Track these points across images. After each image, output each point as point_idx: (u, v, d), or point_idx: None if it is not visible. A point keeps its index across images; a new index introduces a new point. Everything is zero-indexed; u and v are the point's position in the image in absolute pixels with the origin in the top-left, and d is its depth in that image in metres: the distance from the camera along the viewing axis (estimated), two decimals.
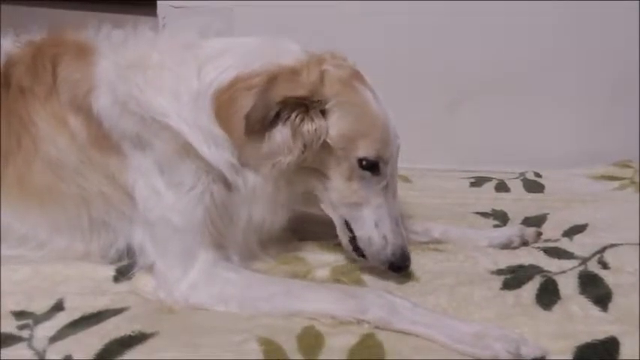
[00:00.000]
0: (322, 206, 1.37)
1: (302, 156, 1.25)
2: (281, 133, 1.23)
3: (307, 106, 1.23)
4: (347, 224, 1.34)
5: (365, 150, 1.27)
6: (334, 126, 1.26)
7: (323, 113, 1.26)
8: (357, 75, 1.32)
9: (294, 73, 1.24)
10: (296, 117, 1.23)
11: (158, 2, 2.14)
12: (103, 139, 1.30)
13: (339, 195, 1.31)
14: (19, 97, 1.35)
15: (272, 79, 1.22)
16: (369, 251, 1.32)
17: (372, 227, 1.30)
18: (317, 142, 1.25)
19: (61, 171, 1.33)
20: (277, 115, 1.22)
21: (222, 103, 1.25)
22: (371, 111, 1.28)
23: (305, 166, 1.30)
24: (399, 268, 1.31)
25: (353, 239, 1.34)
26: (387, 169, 1.31)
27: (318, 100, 1.24)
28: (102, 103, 1.29)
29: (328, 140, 1.26)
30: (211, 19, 2.02)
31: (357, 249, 1.34)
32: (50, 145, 1.33)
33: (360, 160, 1.28)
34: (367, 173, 1.29)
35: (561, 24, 2.11)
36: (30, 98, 1.34)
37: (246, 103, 1.22)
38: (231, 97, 1.24)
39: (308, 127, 1.23)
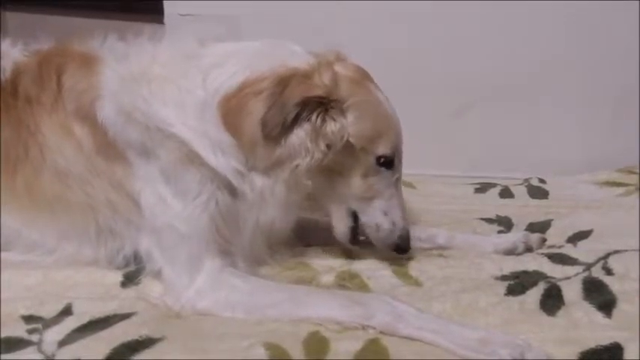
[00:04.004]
0: (324, 200, 1.39)
1: (324, 157, 1.27)
2: (297, 136, 1.24)
3: (326, 106, 1.25)
4: (352, 215, 1.38)
5: (383, 148, 1.32)
6: (353, 126, 1.29)
7: (342, 113, 1.27)
8: (365, 74, 1.35)
9: (306, 75, 1.25)
10: (317, 118, 1.24)
11: (165, 10, 2.16)
12: (108, 148, 1.32)
13: (353, 190, 1.35)
14: (26, 106, 1.37)
15: (282, 81, 1.23)
16: (376, 236, 1.38)
17: (381, 216, 1.36)
18: (341, 141, 1.28)
19: (68, 179, 1.35)
20: (295, 118, 1.23)
21: (231, 110, 1.26)
22: (385, 110, 1.33)
23: (319, 166, 1.31)
24: (404, 249, 1.39)
25: (353, 228, 1.39)
26: (399, 164, 1.37)
27: (336, 100, 1.26)
28: (106, 112, 1.30)
29: (351, 139, 1.29)
30: (218, 28, 2.04)
31: (354, 238, 1.40)
32: (57, 154, 1.35)
33: (378, 158, 1.32)
34: (382, 169, 1.34)
35: (564, 32, 2.12)
36: (36, 107, 1.36)
37: (256, 108, 1.23)
38: (239, 103, 1.25)
39: (331, 127, 1.26)
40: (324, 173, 1.34)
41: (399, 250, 1.39)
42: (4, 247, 1.42)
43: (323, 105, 1.25)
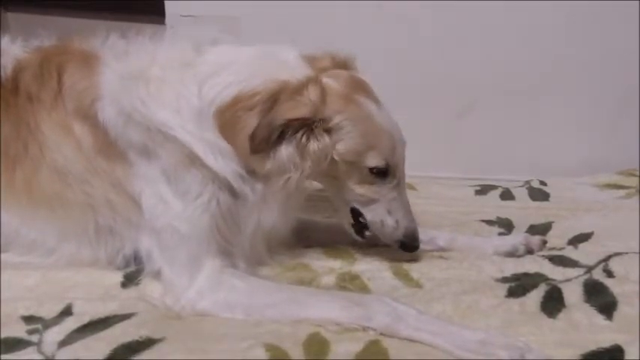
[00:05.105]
0: (330, 198, 1.42)
1: (311, 173, 1.29)
2: (287, 152, 1.25)
3: (311, 125, 1.25)
4: (354, 212, 1.39)
5: (374, 160, 1.32)
6: (341, 142, 1.29)
7: (328, 131, 1.28)
8: (357, 85, 1.34)
9: (295, 92, 1.25)
10: (302, 137, 1.25)
11: (167, 11, 2.16)
12: (108, 148, 1.32)
13: (353, 195, 1.37)
14: (27, 103, 1.37)
15: (272, 97, 1.24)
16: (381, 232, 1.39)
17: (385, 214, 1.37)
18: (325, 160, 1.29)
19: (67, 178, 1.34)
20: (281, 135, 1.24)
21: (226, 122, 1.27)
22: (375, 123, 1.31)
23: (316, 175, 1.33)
24: (410, 247, 1.40)
25: (356, 224, 1.41)
26: (397, 171, 1.36)
27: (321, 119, 1.26)
28: (107, 113, 1.30)
29: (336, 157, 1.30)
30: (218, 29, 2.04)
31: (360, 232, 1.43)
32: (57, 153, 1.35)
33: (370, 169, 1.32)
34: (378, 178, 1.34)
35: (566, 34, 2.12)
36: (37, 105, 1.36)
37: (249, 122, 1.25)
38: (233, 117, 1.26)
39: (314, 146, 1.26)
40: (323, 178, 1.36)
41: (405, 247, 1.40)
42: (3, 247, 1.41)
43: (308, 125, 1.25)
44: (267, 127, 1.23)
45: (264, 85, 1.26)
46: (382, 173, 1.34)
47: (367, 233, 1.43)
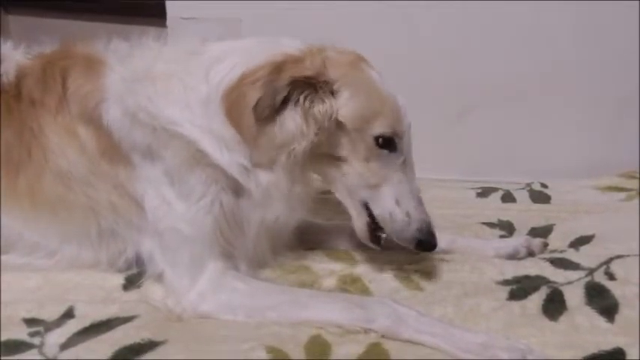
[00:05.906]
0: (337, 194, 1.36)
1: (316, 140, 1.26)
2: (293, 120, 1.24)
3: (315, 87, 1.24)
4: (366, 208, 1.32)
5: (380, 127, 1.28)
6: (346, 106, 1.27)
7: (332, 93, 1.26)
8: (361, 58, 1.34)
9: (298, 60, 1.26)
10: (305, 99, 1.24)
11: (168, 14, 2.16)
12: (112, 150, 1.32)
13: (358, 177, 1.30)
14: (30, 108, 1.37)
15: (277, 68, 1.24)
16: (392, 228, 1.29)
17: (392, 204, 1.29)
18: (329, 122, 1.26)
19: (70, 181, 1.35)
20: (286, 100, 1.23)
21: (232, 102, 1.26)
22: (379, 88, 1.30)
23: (320, 153, 1.30)
24: (427, 245, 1.30)
25: (371, 224, 1.33)
26: (403, 145, 1.31)
27: (325, 81, 1.25)
28: (112, 114, 1.31)
29: (342, 120, 1.26)
30: (220, 30, 2.04)
31: (374, 236, 1.34)
32: (61, 157, 1.35)
33: (376, 138, 1.28)
34: (384, 151, 1.29)
35: (566, 34, 2.12)
36: (40, 110, 1.36)
37: (253, 95, 1.23)
38: (239, 94, 1.25)
39: (319, 108, 1.24)
40: (324, 160, 1.32)
41: (422, 245, 1.29)
42: (4, 249, 1.42)
43: (311, 86, 1.24)
44: (272, 92, 1.21)
45: (267, 60, 1.26)
46: (388, 144, 1.28)
47: (383, 236, 1.33)
